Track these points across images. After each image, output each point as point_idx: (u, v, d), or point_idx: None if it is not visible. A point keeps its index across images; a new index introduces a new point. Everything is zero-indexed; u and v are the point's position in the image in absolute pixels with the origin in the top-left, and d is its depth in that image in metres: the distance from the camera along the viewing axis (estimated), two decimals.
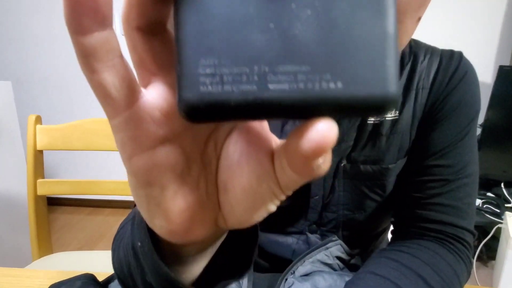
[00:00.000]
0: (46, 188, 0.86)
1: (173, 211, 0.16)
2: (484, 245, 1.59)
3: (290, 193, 0.16)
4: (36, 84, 1.99)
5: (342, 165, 0.46)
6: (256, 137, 0.16)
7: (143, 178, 0.15)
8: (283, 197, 0.16)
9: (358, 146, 0.45)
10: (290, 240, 0.50)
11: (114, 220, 2.05)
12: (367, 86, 0.11)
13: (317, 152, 0.12)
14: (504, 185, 1.83)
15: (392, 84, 0.11)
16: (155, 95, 0.14)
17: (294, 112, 0.12)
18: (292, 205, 0.47)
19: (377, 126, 0.44)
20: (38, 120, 0.86)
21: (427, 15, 0.41)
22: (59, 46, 1.93)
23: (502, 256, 1.41)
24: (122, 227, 0.35)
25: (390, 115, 0.44)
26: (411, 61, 0.45)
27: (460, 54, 0.46)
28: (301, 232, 0.50)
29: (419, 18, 0.35)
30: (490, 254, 1.61)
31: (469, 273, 0.42)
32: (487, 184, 1.91)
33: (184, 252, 0.21)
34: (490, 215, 1.66)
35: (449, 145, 0.43)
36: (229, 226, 0.18)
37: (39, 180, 0.86)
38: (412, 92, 0.44)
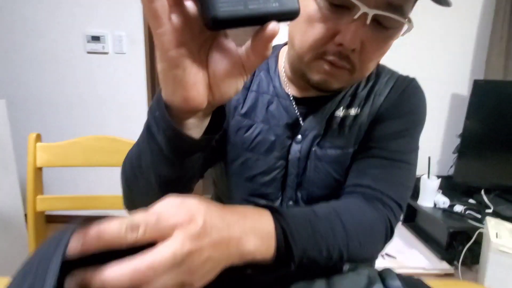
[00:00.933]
0: (46, 204, 0.88)
1: (189, 83, 0.29)
2: (468, 249, 1.66)
3: (251, 72, 0.31)
4: (29, 103, 1.99)
5: (313, 149, 0.56)
6: (227, 44, 0.30)
7: (173, 63, 0.27)
8: (246, 77, 0.31)
9: (327, 134, 0.55)
10: None
11: None
12: (289, 4, 0.26)
13: (272, 35, 0.26)
14: (485, 191, 1.93)
15: (297, 4, 0.27)
16: (181, 16, 0.26)
17: (261, 19, 0.26)
18: (272, 180, 0.57)
19: (343, 119, 0.55)
20: (38, 138, 0.89)
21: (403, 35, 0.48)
22: (53, 66, 1.95)
23: (484, 259, 1.47)
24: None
25: (354, 112, 0.56)
26: (374, 78, 0.57)
27: (412, 79, 0.58)
28: None
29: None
30: (473, 259, 1.67)
31: (388, 237, 0.48)
32: (468, 191, 2.00)
33: (186, 122, 0.33)
34: (472, 220, 1.74)
35: (390, 136, 0.53)
36: (215, 100, 0.32)
37: (39, 197, 0.88)
38: (371, 97, 0.56)
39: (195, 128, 0.34)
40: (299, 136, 0.56)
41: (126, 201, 0.48)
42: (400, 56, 1.91)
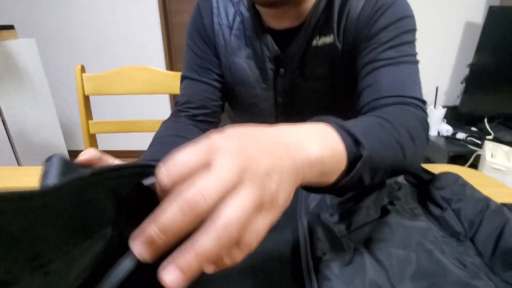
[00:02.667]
0: (97, 127, 1.02)
1: None
2: None
3: None
4: (56, 42, 2.06)
5: (297, 81, 0.60)
6: None
7: None
8: None
9: (307, 65, 0.58)
10: None
11: None
12: None
13: None
14: (487, 120, 2.02)
15: None
16: None
17: None
18: (263, 110, 0.64)
19: (320, 48, 0.56)
20: (83, 69, 1.00)
21: None
22: (73, 7, 1.97)
23: None
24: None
25: (329, 39, 0.55)
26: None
27: None
28: None
29: None
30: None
31: (427, 134, 0.44)
32: (472, 120, 2.09)
33: None
34: (472, 145, 1.87)
35: (387, 43, 0.51)
36: None
37: (90, 121, 1.02)
38: (343, 20, 0.54)
39: None
40: (282, 69, 0.60)
41: None
42: None
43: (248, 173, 0.19)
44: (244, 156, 0.20)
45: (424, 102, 0.48)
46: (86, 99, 1.01)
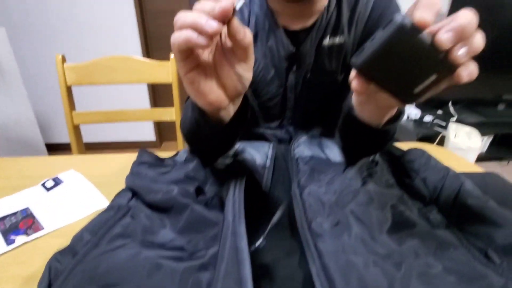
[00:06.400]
0: (80, 118, 1.02)
1: (205, 92, 0.36)
2: None
3: (246, 60, 0.36)
4: (27, 30, 1.96)
5: (307, 76, 0.64)
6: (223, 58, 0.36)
7: (190, 81, 0.35)
8: (247, 66, 0.36)
9: (318, 62, 0.63)
10: (275, 132, 0.73)
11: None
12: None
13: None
14: (452, 103, 2.18)
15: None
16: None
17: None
18: (275, 105, 0.68)
19: (330, 48, 0.61)
20: (64, 59, 0.99)
21: None
22: None
23: None
24: (182, 114, 0.55)
25: (338, 40, 0.60)
26: (354, 2, 0.60)
27: None
28: (282, 126, 0.72)
29: None
30: None
31: None
32: (438, 103, 2.25)
33: (216, 118, 0.42)
34: (438, 127, 2.02)
35: None
36: (232, 95, 0.38)
37: (74, 112, 1.01)
38: (353, 23, 0.60)
39: (227, 113, 0.42)
40: (294, 67, 0.64)
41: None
42: None
43: None
44: None
45: None
46: (69, 89, 1.00)
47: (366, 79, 0.33)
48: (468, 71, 0.29)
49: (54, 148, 2.32)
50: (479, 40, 0.27)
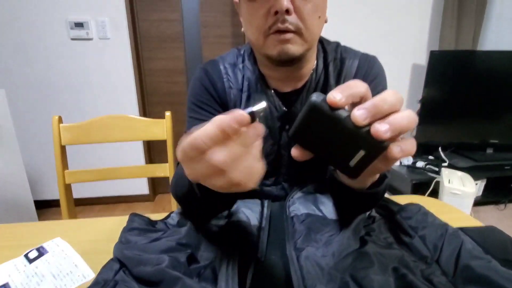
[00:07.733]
0: (73, 177, 1.01)
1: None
2: (428, 196, 1.95)
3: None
4: (25, 91, 2.02)
5: None
6: None
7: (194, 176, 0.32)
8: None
9: None
10: (271, 189, 0.72)
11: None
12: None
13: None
14: (442, 148, 2.23)
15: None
16: None
17: None
18: (270, 162, 0.68)
19: None
20: (60, 120, 1.00)
21: (365, 12, 0.59)
22: (40, 54, 1.97)
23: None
24: (174, 177, 0.54)
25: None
26: (340, 64, 0.64)
27: (373, 57, 0.65)
28: (278, 183, 0.72)
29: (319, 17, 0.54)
30: None
31: None
32: (428, 149, 2.30)
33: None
34: (431, 173, 2.03)
35: None
36: None
37: (67, 171, 1.00)
38: (340, 83, 0.62)
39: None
40: (287, 126, 0.65)
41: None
42: (363, 32, 2.11)
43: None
44: None
45: None
46: (63, 148, 1.00)
47: (302, 147, 0.33)
48: (401, 148, 0.29)
49: (44, 205, 2.25)
50: (400, 119, 0.28)
